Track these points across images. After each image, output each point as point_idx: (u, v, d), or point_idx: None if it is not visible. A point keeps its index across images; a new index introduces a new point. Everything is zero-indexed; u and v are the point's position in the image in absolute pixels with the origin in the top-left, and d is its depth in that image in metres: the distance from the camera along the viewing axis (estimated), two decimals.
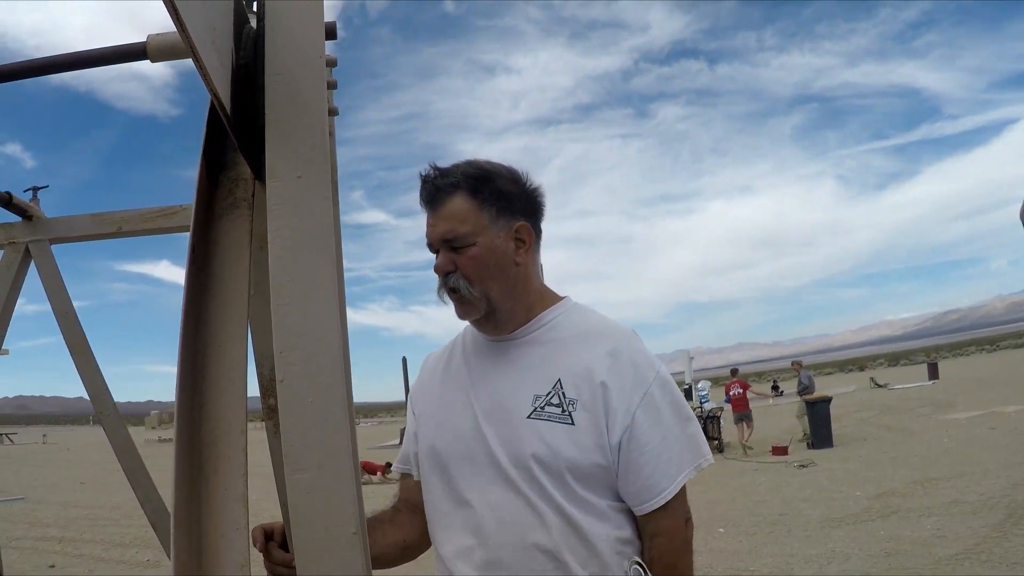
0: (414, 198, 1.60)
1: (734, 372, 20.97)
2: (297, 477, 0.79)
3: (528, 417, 1.52)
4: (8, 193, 2.37)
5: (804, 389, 19.20)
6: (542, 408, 1.52)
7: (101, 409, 2.36)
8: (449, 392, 1.68)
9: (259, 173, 1.16)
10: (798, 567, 6.88)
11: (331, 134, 1.21)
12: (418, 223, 1.63)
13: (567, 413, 1.50)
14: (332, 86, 1.19)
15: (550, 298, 1.70)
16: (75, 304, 2.46)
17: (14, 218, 2.44)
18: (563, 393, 1.52)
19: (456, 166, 1.59)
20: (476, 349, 1.69)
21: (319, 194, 0.89)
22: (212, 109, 1.18)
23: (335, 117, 1.21)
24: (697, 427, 1.62)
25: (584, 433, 1.49)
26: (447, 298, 1.60)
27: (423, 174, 1.60)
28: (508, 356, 1.63)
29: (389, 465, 16.66)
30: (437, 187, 1.56)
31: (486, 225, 1.55)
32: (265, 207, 0.94)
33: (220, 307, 0.98)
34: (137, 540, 11.12)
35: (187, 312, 0.96)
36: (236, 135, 1.10)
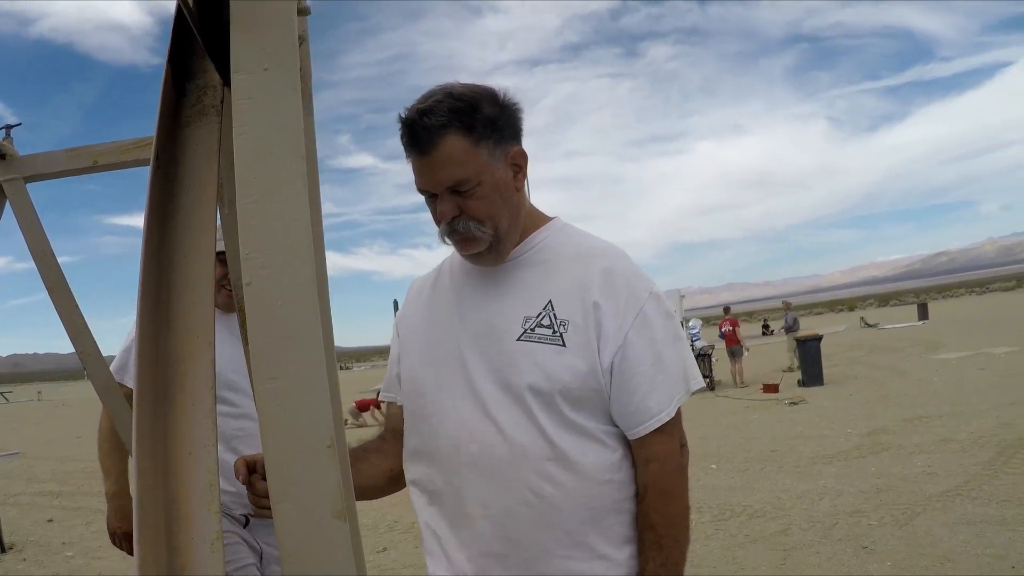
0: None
1: (727, 310, 22.22)
2: (266, 387, 0.72)
3: (518, 339, 1.46)
4: None
5: (790, 328, 21.01)
6: (532, 330, 1.46)
7: (82, 349, 2.31)
8: (434, 316, 1.63)
9: (228, 79, 1.08)
10: (790, 502, 6.94)
11: (304, 38, 1.13)
12: (407, 166, 1.51)
13: (558, 334, 1.45)
14: None
15: (539, 219, 1.63)
16: (66, 260, 2.40)
17: None
18: (554, 315, 1.46)
19: (438, 102, 1.42)
20: (465, 274, 1.62)
21: (287, 86, 0.81)
22: (178, 13, 1.09)
23: (307, 17, 1.12)
24: (688, 348, 1.57)
25: (575, 355, 1.43)
26: (448, 240, 1.51)
27: (404, 117, 1.44)
28: (497, 280, 1.56)
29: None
30: (425, 129, 1.41)
31: (486, 161, 1.44)
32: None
33: (186, 217, 0.91)
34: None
35: (150, 222, 0.89)
36: (201, 34, 1.02)
